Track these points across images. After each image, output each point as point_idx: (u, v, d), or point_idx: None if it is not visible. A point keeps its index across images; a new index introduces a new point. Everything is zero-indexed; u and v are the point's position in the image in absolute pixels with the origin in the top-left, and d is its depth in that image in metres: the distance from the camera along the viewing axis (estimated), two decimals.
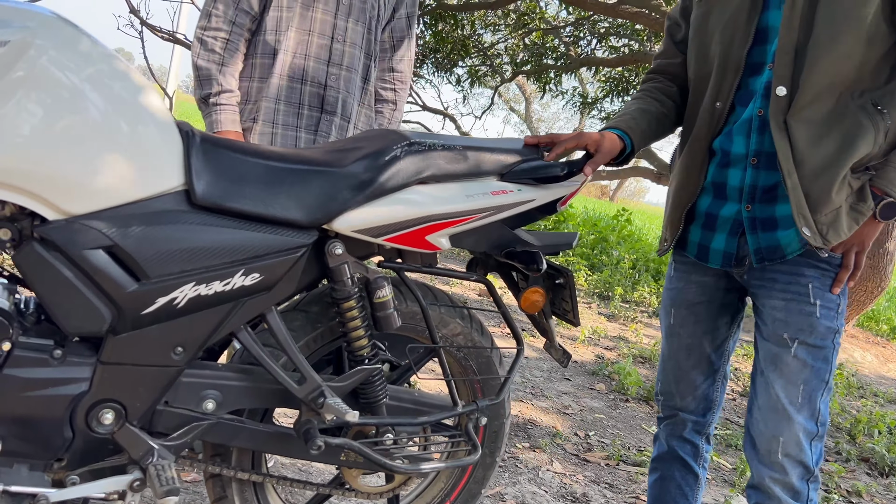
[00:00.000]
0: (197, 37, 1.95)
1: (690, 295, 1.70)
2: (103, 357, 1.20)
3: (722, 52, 1.56)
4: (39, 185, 1.09)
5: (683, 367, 1.72)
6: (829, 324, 1.45)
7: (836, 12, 1.41)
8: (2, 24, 1.06)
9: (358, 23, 2.00)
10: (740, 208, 1.55)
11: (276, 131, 1.97)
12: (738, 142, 1.54)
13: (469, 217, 1.41)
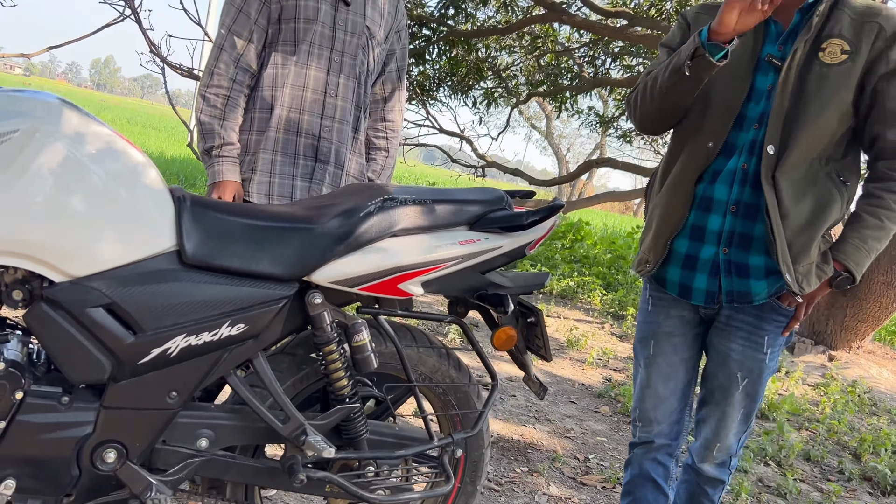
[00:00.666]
0: (200, 93, 2.11)
1: (669, 328, 1.86)
2: (105, 402, 1.35)
3: (721, 99, 1.72)
4: (47, 253, 1.24)
5: (662, 394, 1.88)
6: (772, 365, 1.78)
7: (825, 90, 1.62)
8: (13, 115, 1.21)
9: (349, 78, 2.15)
10: (718, 251, 1.74)
11: (273, 180, 2.12)
12: (721, 190, 1.73)
13: (438, 266, 1.54)
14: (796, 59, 1.65)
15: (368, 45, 2.18)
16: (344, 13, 2.12)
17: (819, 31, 1.66)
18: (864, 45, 1.62)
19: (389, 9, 2.24)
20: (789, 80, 1.65)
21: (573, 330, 5.49)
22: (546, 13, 7.42)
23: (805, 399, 4.87)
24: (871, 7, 1.66)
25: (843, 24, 1.65)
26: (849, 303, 6.40)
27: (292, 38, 2.09)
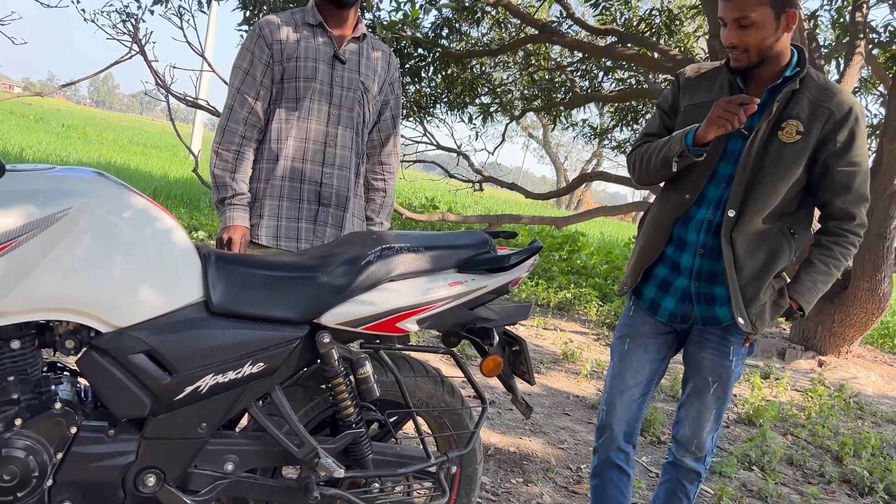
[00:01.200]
0: (214, 150, 2.33)
1: (645, 330, 2.21)
2: (146, 434, 1.56)
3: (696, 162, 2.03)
4: (96, 308, 1.46)
5: (629, 384, 2.22)
6: (737, 371, 2.14)
7: (780, 165, 1.96)
8: (65, 194, 1.43)
9: (347, 129, 2.37)
10: (689, 283, 2.10)
11: (280, 223, 2.34)
12: (692, 234, 2.09)
13: (431, 306, 1.76)
14: (759, 136, 1.97)
15: (364, 99, 2.39)
16: (340, 71, 2.34)
17: (781, 112, 1.97)
18: (816, 127, 1.94)
19: (382, 63, 2.46)
20: (751, 154, 1.98)
21: (568, 343, 5.69)
22: (538, 34, 7.66)
23: (792, 404, 5.07)
24: (826, 90, 1.97)
25: (802, 106, 1.95)
26: (836, 310, 6.61)
27: (294, 96, 2.32)
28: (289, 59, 2.29)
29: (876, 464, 3.91)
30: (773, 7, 1.89)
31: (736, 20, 1.90)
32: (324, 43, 2.33)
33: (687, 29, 9.66)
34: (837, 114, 1.94)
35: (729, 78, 2.05)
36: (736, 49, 1.94)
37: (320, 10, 2.34)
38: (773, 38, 1.92)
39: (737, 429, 4.42)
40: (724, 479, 3.50)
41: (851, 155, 1.96)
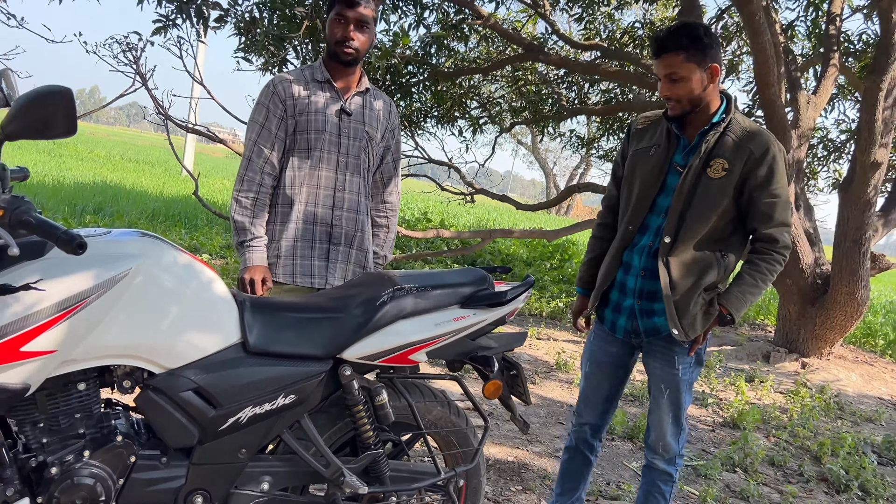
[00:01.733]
0: (234, 197, 2.55)
1: (601, 356, 2.60)
2: (194, 460, 1.79)
3: (638, 196, 2.44)
4: (150, 353, 1.69)
5: (592, 398, 2.64)
6: (685, 378, 2.43)
7: (709, 198, 2.29)
8: (123, 257, 1.66)
9: (354, 175, 2.61)
10: (634, 302, 2.44)
11: (295, 262, 2.56)
12: (636, 259, 2.44)
13: (439, 339, 1.99)
14: (690, 173, 2.31)
15: (369, 146, 2.64)
16: (347, 122, 2.58)
17: (710, 152, 2.30)
18: (738, 164, 2.27)
19: (384, 112, 2.70)
20: (684, 188, 2.31)
21: (561, 353, 5.94)
22: (523, 53, 7.91)
23: (775, 407, 5.32)
24: (748, 132, 2.30)
25: (727, 146, 2.29)
26: (818, 313, 6.88)
27: (306, 147, 2.55)
28: (301, 114, 2.53)
29: (852, 462, 4.17)
30: (698, 64, 2.24)
31: (667, 76, 2.26)
32: (331, 98, 2.57)
33: None
34: (757, 152, 2.25)
35: (667, 125, 2.40)
36: (670, 100, 2.29)
37: (327, 68, 2.59)
38: (699, 89, 2.27)
39: (722, 432, 4.67)
40: (709, 480, 3.75)
41: (771, 188, 2.26)
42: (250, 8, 6.87)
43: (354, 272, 2.66)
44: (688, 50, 2.23)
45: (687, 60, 2.23)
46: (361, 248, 2.67)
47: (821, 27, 8.14)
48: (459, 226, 15.63)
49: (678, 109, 2.30)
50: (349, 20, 2.49)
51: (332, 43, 2.54)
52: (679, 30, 2.25)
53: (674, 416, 2.47)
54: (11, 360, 1.50)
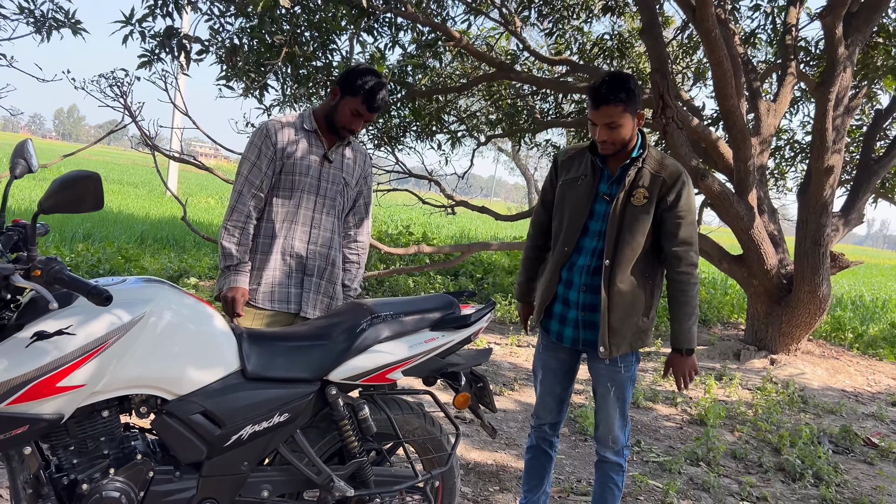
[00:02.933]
0: (224, 226, 2.85)
1: (552, 364, 2.89)
2: (203, 473, 2.08)
3: (570, 220, 2.75)
4: (164, 383, 1.98)
5: (546, 401, 2.95)
6: (628, 374, 2.75)
7: (635, 223, 2.62)
8: (138, 302, 1.95)
9: (329, 215, 2.92)
10: (577, 313, 2.74)
11: (274, 290, 2.86)
12: (576, 277, 2.74)
13: (412, 360, 2.29)
14: (619, 202, 2.64)
15: (344, 191, 2.96)
16: (328, 168, 2.90)
17: (632, 183, 2.65)
18: (654, 192, 2.62)
19: (360, 162, 3.03)
20: (615, 215, 2.64)
21: None
22: (495, 71, 8.24)
23: (741, 403, 5.65)
24: (661, 163, 2.66)
25: (645, 177, 2.64)
26: (784, 312, 7.23)
27: (290, 187, 2.85)
28: (288, 157, 2.83)
29: (808, 452, 4.50)
30: (631, 113, 2.59)
31: (607, 125, 2.57)
32: (316, 146, 2.89)
33: (639, 49, 10.28)
34: (668, 181, 2.61)
35: (591, 158, 2.73)
36: (605, 143, 2.61)
37: (317, 120, 2.91)
38: (629, 133, 2.61)
39: (689, 429, 4.99)
40: (673, 475, 4.06)
41: (678, 210, 2.60)
42: (231, 37, 7.15)
43: (323, 301, 2.94)
44: (625, 102, 2.55)
45: (624, 111, 2.56)
46: (331, 281, 2.97)
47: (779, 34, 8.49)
48: (442, 236, 15.94)
49: (610, 150, 2.63)
50: (362, 118, 2.84)
51: (339, 123, 2.85)
52: (616, 83, 2.54)
53: (620, 410, 2.77)
54: (49, 395, 1.79)
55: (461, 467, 3.78)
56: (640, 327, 2.69)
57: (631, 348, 2.69)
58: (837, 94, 6.44)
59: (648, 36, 6.47)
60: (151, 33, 6.28)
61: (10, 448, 1.84)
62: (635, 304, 2.65)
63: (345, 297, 3.06)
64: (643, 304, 2.67)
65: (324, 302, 2.95)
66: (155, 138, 6.77)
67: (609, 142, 2.60)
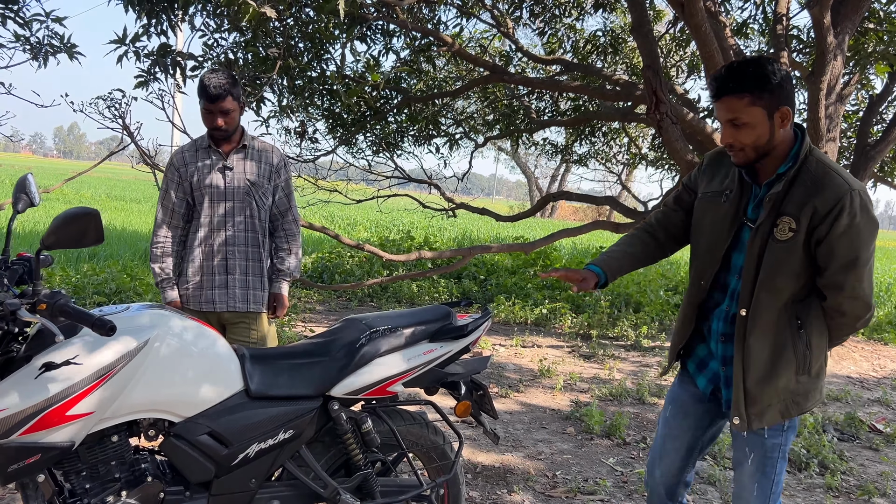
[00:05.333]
0: (151, 248, 3.20)
1: (686, 397, 2.33)
2: (212, 492, 2.14)
3: (708, 248, 2.17)
4: (170, 406, 2.04)
5: (668, 448, 2.36)
6: (774, 441, 2.11)
7: (777, 261, 1.99)
8: (142, 329, 2.01)
9: (242, 215, 3.21)
10: (719, 367, 2.20)
11: (200, 293, 3.20)
12: (714, 322, 2.20)
13: (412, 371, 2.35)
14: (759, 232, 2.02)
15: (252, 190, 3.22)
16: (231, 175, 3.20)
17: (776, 208, 1.99)
18: (803, 224, 1.95)
19: (266, 158, 3.28)
20: (754, 250, 2.03)
21: (543, 360, 6.29)
22: (488, 75, 8.29)
23: None
24: (817, 183, 1.95)
25: (795, 200, 1.96)
26: None
27: (201, 200, 3.19)
28: (192, 176, 3.17)
29: (813, 441, 4.53)
30: (766, 108, 1.93)
31: (729, 121, 1.96)
32: (214, 159, 3.21)
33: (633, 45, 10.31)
34: (822, 208, 1.91)
35: (735, 170, 2.12)
36: (732, 148, 2.00)
37: (209, 136, 3.22)
38: (766, 136, 1.96)
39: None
40: None
41: (828, 244, 1.93)
42: (225, 52, 7.21)
43: (253, 294, 3.24)
44: (752, 92, 1.92)
45: (752, 104, 1.93)
46: (255, 274, 3.26)
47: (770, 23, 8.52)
48: (445, 238, 15.99)
49: (742, 159, 2.02)
50: (214, 112, 3.09)
51: (207, 128, 3.17)
52: (742, 68, 1.93)
53: (760, 488, 2.12)
54: (60, 423, 1.84)
55: (468, 471, 3.83)
56: (794, 389, 2.05)
57: (783, 417, 2.08)
58: (829, 83, 6.48)
59: (639, 33, 6.51)
60: (146, 52, 6.35)
61: (25, 476, 1.90)
62: (781, 360, 2.04)
63: (280, 280, 3.34)
64: (796, 359, 2.04)
65: (253, 294, 3.25)
66: (155, 156, 6.85)
67: (736, 146, 2.00)
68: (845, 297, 1.97)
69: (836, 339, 2.11)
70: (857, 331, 2.10)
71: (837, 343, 2.13)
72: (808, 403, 2.08)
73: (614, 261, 2.30)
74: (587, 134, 11.08)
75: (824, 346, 2.07)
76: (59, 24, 5.72)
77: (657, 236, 2.39)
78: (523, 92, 10.45)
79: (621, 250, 2.33)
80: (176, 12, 6.42)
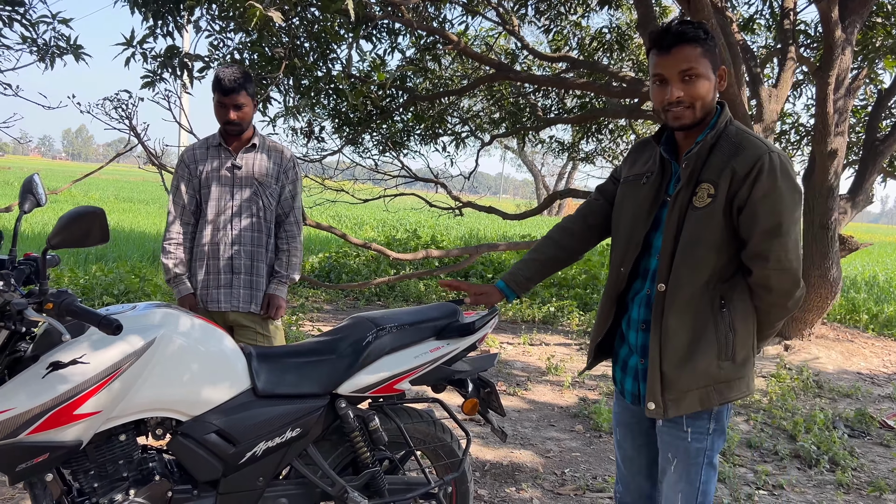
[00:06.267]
0: (162, 246, 3.17)
1: (626, 417, 2.17)
2: (220, 490, 2.13)
3: (629, 232, 2.06)
4: (177, 405, 2.04)
5: (631, 471, 2.21)
6: (698, 446, 1.95)
7: (696, 230, 1.88)
8: (148, 328, 2.01)
9: (246, 216, 3.20)
10: (637, 360, 2.05)
11: (206, 293, 3.19)
12: (635, 310, 2.05)
13: (419, 369, 2.34)
14: (677, 203, 1.91)
15: (260, 190, 3.20)
16: (238, 173, 3.18)
17: (698, 175, 1.89)
18: (722, 188, 1.85)
19: (275, 158, 3.25)
20: (672, 222, 1.92)
21: (550, 358, 6.28)
22: (494, 73, 8.27)
23: (755, 390, 5.66)
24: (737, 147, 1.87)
25: (713, 166, 1.87)
26: None
27: (208, 198, 3.18)
28: (201, 174, 3.15)
29: (823, 437, 4.51)
30: (712, 63, 1.87)
31: (682, 72, 1.86)
32: (224, 157, 3.19)
33: (638, 41, 10.27)
34: (741, 170, 1.83)
35: (657, 150, 2.03)
36: (681, 104, 1.87)
37: (221, 134, 3.21)
38: (711, 93, 1.89)
39: None
40: None
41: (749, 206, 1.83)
42: (231, 52, 7.22)
43: (256, 295, 3.21)
44: (704, 44, 1.85)
45: (703, 56, 1.85)
46: (259, 275, 3.24)
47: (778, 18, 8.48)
48: (451, 237, 15.98)
49: (688, 118, 1.89)
50: (227, 106, 3.07)
51: (219, 122, 3.14)
52: (687, 23, 1.87)
53: (685, 500, 1.96)
54: (67, 423, 1.85)
55: (476, 469, 3.82)
56: (715, 375, 1.89)
57: (702, 405, 1.91)
58: (837, 77, 6.44)
59: (645, 30, 6.49)
60: (153, 54, 6.37)
61: (33, 475, 1.90)
62: (701, 342, 1.89)
63: (277, 282, 3.28)
64: (717, 342, 1.88)
65: (256, 295, 3.22)
66: (162, 156, 6.87)
67: (685, 101, 1.87)
68: (771, 269, 1.84)
69: (765, 324, 1.96)
70: (789, 313, 1.94)
71: (769, 331, 1.98)
72: (731, 393, 1.91)
73: (520, 272, 2.27)
74: (594, 131, 11.06)
75: (751, 330, 1.93)
76: (65, 26, 5.74)
77: (573, 230, 2.28)
78: (529, 90, 10.43)
79: (529, 259, 2.29)
80: (181, 14, 6.43)
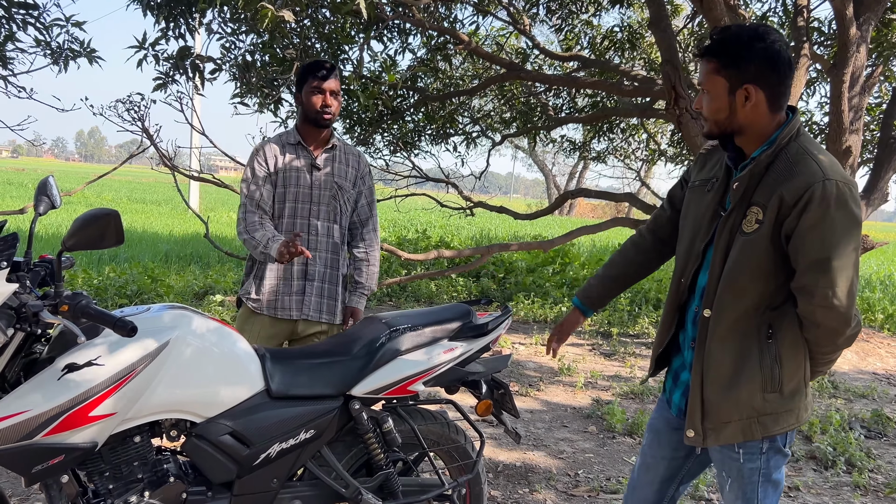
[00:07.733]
0: (239, 231, 2.94)
1: (661, 424, 2.11)
2: (234, 492, 2.13)
3: (688, 243, 1.96)
4: (191, 406, 2.04)
5: (641, 480, 2.17)
6: (752, 465, 1.87)
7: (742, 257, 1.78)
8: (163, 330, 2.01)
9: (324, 220, 3.01)
10: (689, 377, 1.95)
11: (275, 299, 2.97)
12: (689, 326, 1.98)
13: (433, 370, 2.33)
14: (727, 224, 1.82)
15: (339, 195, 3.04)
16: (318, 175, 3.01)
17: (750, 197, 1.78)
18: (770, 214, 1.74)
19: (353, 162, 3.11)
20: (720, 246, 1.82)
21: (563, 358, 6.25)
22: (505, 72, 8.25)
23: None
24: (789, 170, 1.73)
25: (766, 188, 1.75)
26: None
27: (283, 199, 2.99)
28: (278, 172, 2.98)
29: (839, 439, 4.46)
30: (728, 80, 1.77)
31: (699, 84, 1.83)
32: (303, 156, 3.01)
33: (650, 40, 10.22)
34: (789, 198, 1.70)
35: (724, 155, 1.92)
36: (700, 115, 1.86)
37: (299, 132, 3.03)
38: (725, 112, 1.79)
39: None
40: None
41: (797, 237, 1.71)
42: (243, 53, 7.24)
43: (327, 304, 3.02)
44: (720, 61, 1.77)
45: (716, 73, 1.78)
46: (333, 283, 3.05)
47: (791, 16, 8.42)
48: (462, 237, 15.97)
49: (706, 129, 1.86)
50: (325, 91, 2.92)
51: (312, 111, 2.95)
52: (725, 33, 1.78)
53: None
54: (82, 424, 1.85)
55: (489, 470, 3.81)
56: (759, 408, 1.81)
57: (744, 437, 1.84)
58: (852, 75, 6.38)
59: (657, 28, 6.46)
60: (165, 56, 6.39)
61: (49, 477, 1.91)
62: (744, 372, 1.81)
63: (358, 295, 3.14)
64: (762, 373, 1.80)
65: (328, 304, 3.04)
66: (174, 158, 6.90)
67: (703, 115, 1.84)
68: (816, 305, 1.72)
69: (817, 357, 1.85)
70: (840, 349, 1.83)
71: (823, 366, 1.88)
72: (776, 427, 1.82)
73: (594, 290, 2.24)
74: (605, 130, 11.02)
75: (800, 362, 1.83)
76: (78, 29, 5.77)
77: (643, 245, 2.22)
78: (540, 89, 10.40)
79: (601, 275, 2.25)
80: (193, 16, 6.45)
